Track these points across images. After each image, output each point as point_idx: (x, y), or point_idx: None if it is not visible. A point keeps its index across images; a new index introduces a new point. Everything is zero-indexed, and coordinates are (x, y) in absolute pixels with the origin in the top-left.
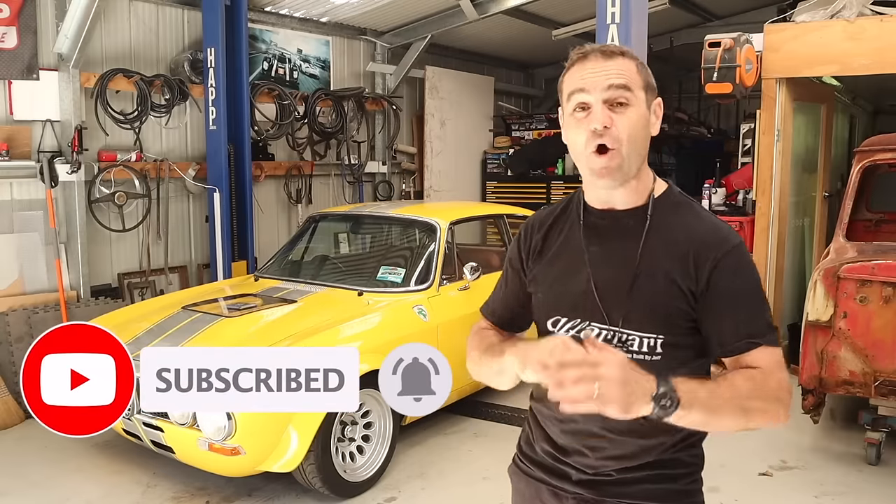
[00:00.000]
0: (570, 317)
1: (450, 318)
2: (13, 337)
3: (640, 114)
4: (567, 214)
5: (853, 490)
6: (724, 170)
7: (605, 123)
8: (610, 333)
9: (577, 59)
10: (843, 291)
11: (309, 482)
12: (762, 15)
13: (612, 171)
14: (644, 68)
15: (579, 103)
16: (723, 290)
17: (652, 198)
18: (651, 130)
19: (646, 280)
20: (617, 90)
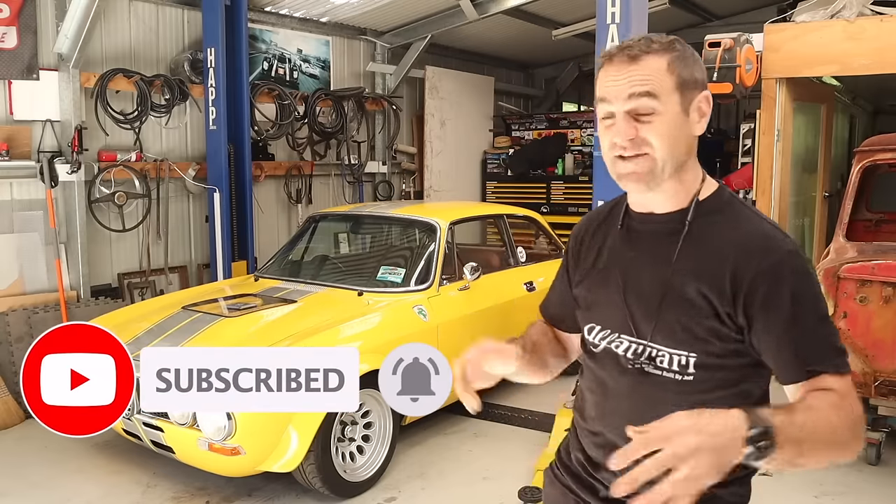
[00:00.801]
0: (602, 326)
1: (450, 318)
2: (13, 337)
3: (669, 122)
4: (613, 216)
5: (853, 490)
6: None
7: (628, 136)
8: (639, 347)
9: (604, 62)
10: (843, 291)
11: (309, 482)
12: (762, 15)
13: (640, 175)
14: (680, 62)
15: (605, 112)
16: (772, 310)
17: (696, 201)
18: (692, 130)
19: (677, 293)
20: (639, 99)
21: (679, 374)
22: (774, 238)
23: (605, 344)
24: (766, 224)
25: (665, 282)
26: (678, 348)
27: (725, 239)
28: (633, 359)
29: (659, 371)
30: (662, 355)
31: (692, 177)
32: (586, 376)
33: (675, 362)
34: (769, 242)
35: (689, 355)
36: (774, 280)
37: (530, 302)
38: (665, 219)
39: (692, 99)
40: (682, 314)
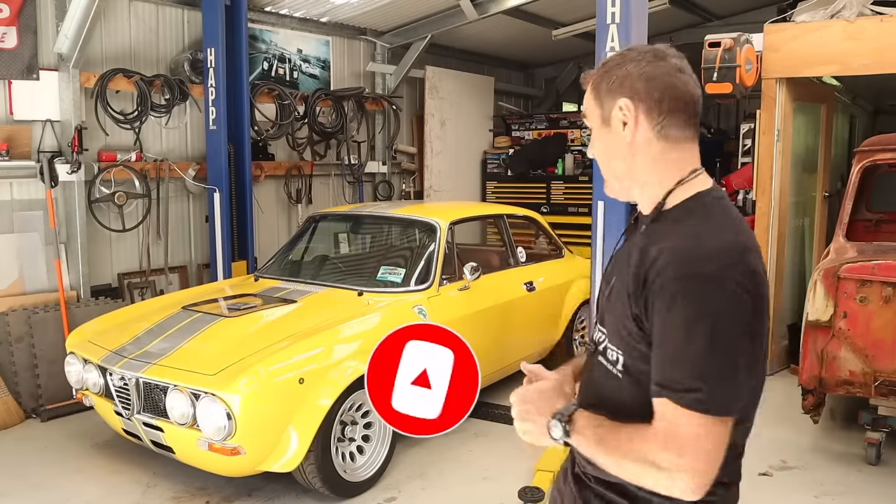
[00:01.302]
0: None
1: (450, 318)
2: (13, 337)
3: (603, 142)
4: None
5: (853, 490)
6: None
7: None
8: (601, 337)
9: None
10: (843, 291)
11: (309, 482)
12: (762, 15)
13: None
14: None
15: None
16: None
17: (660, 208)
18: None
19: (613, 293)
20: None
21: (613, 366)
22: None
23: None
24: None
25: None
26: (614, 345)
27: (659, 242)
28: (595, 346)
29: (602, 359)
30: (610, 350)
31: (656, 187)
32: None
33: (613, 355)
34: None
35: (618, 352)
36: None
37: (530, 302)
38: (643, 220)
39: (610, 112)
40: (614, 312)
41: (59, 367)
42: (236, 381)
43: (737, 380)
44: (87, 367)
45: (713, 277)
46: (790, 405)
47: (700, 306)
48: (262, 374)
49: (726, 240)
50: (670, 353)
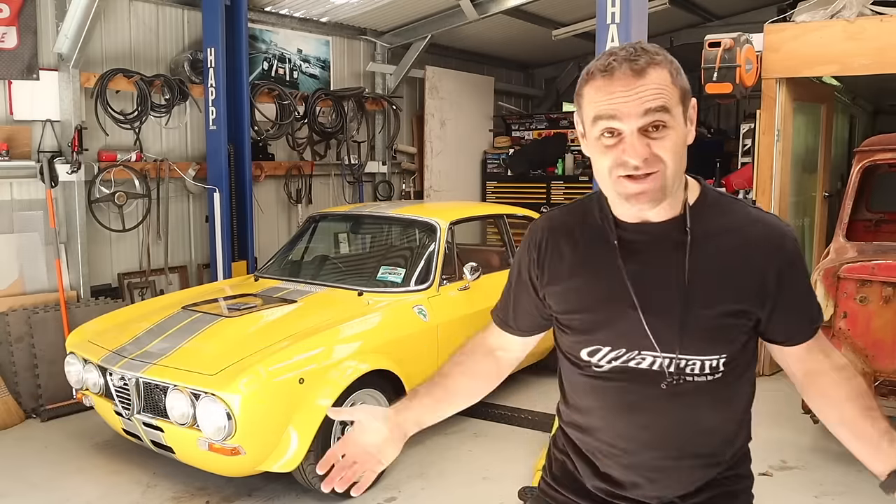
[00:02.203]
0: (613, 346)
1: (450, 318)
2: (13, 337)
3: (679, 133)
4: (590, 225)
5: (853, 490)
6: (724, 170)
7: (643, 156)
8: (666, 360)
9: (601, 75)
10: (843, 291)
11: (309, 482)
12: (762, 15)
13: (653, 194)
14: (679, 73)
15: (607, 129)
16: (790, 291)
17: (687, 206)
18: (689, 139)
19: (700, 302)
20: (654, 114)
21: (710, 375)
22: (778, 227)
23: (618, 363)
24: (764, 214)
25: (683, 291)
26: (709, 353)
27: (735, 237)
28: (662, 373)
29: (691, 377)
30: (693, 363)
31: (682, 183)
32: (585, 397)
33: (707, 366)
34: (776, 232)
35: (719, 358)
36: (792, 268)
37: None
38: (663, 227)
39: (688, 107)
40: (707, 319)
41: (59, 367)
42: (236, 381)
43: None
44: (87, 367)
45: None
46: (790, 405)
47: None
48: (262, 374)
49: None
50: (810, 300)
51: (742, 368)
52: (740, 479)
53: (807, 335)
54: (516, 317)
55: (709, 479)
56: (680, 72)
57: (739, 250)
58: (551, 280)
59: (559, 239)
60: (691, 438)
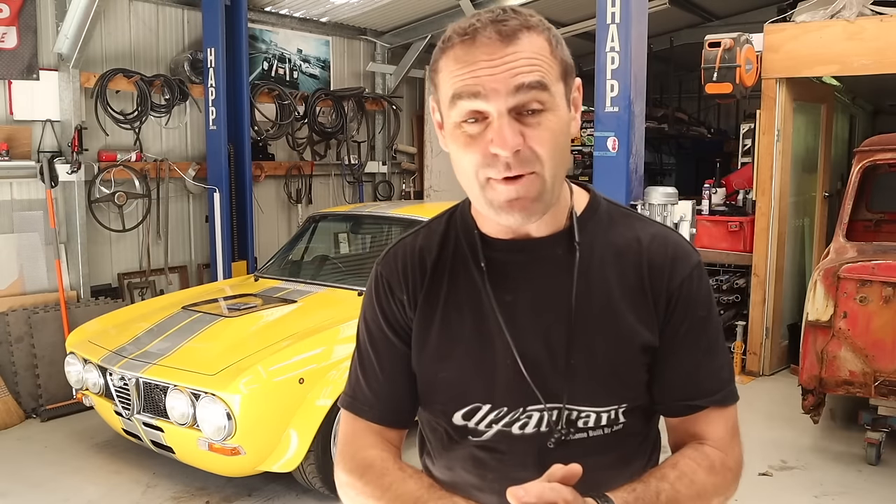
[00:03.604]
0: (493, 403)
1: None
2: (13, 337)
3: (560, 119)
4: (452, 250)
5: (853, 490)
6: (724, 170)
7: (515, 146)
8: (553, 414)
9: (461, 40)
10: (843, 291)
11: (309, 482)
12: (762, 15)
13: (528, 202)
14: (558, 42)
15: (471, 112)
16: (680, 329)
17: (574, 217)
18: (573, 131)
19: (590, 336)
20: (529, 91)
21: (608, 427)
22: (679, 246)
23: (500, 426)
24: (664, 230)
25: (570, 325)
26: (603, 403)
27: (629, 254)
28: (549, 431)
29: (584, 433)
30: (586, 416)
31: (565, 188)
32: (467, 470)
33: (604, 418)
34: (678, 251)
35: (618, 407)
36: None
37: None
38: (544, 244)
39: (571, 90)
40: (603, 360)
41: (59, 367)
42: (236, 381)
43: None
44: (87, 367)
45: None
46: (790, 405)
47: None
48: (262, 374)
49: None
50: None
51: (645, 419)
52: None
53: (685, 405)
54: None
55: None
56: (560, 42)
57: (637, 268)
58: (419, 328)
59: (419, 275)
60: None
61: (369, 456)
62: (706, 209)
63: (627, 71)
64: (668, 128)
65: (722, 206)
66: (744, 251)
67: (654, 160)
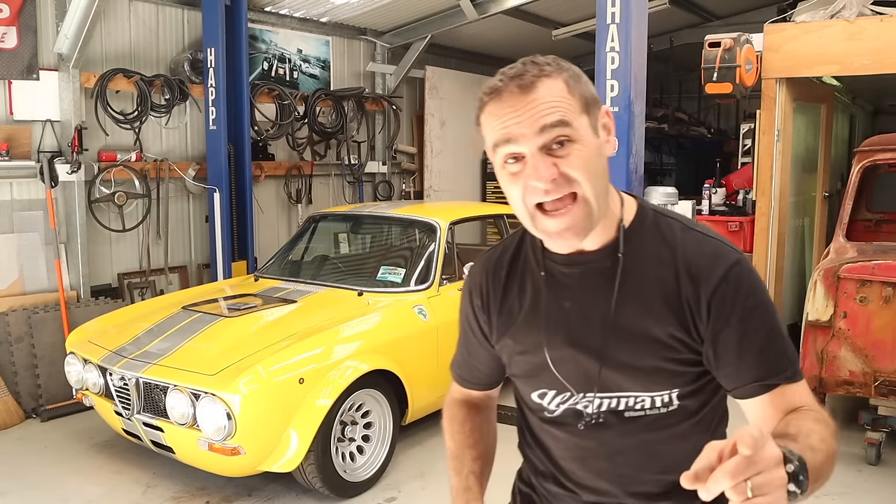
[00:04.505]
0: (558, 388)
1: (450, 319)
2: (13, 337)
3: (588, 146)
4: (523, 262)
5: (853, 490)
6: (724, 170)
7: (550, 177)
8: (612, 401)
9: (490, 99)
10: (843, 291)
11: (309, 482)
12: (762, 15)
13: (576, 227)
14: (577, 81)
15: (508, 155)
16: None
17: (622, 229)
18: (607, 152)
19: (634, 336)
20: (553, 130)
21: (664, 407)
22: (717, 254)
23: (567, 406)
24: (705, 237)
25: (616, 327)
26: (656, 389)
27: (669, 262)
28: (608, 411)
29: (642, 412)
30: (642, 400)
31: (614, 202)
32: (547, 441)
33: (658, 401)
34: (714, 260)
35: (670, 392)
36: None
37: None
38: (598, 256)
39: (597, 118)
40: (646, 355)
41: (59, 367)
42: (236, 381)
43: None
44: (87, 367)
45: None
46: None
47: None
48: (262, 374)
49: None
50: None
51: (704, 400)
52: None
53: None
54: (473, 370)
55: None
56: (580, 79)
57: (675, 277)
58: (498, 326)
59: (497, 281)
60: (659, 477)
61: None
62: (706, 209)
63: (627, 71)
64: (668, 128)
65: (722, 206)
66: (744, 251)
67: (654, 160)
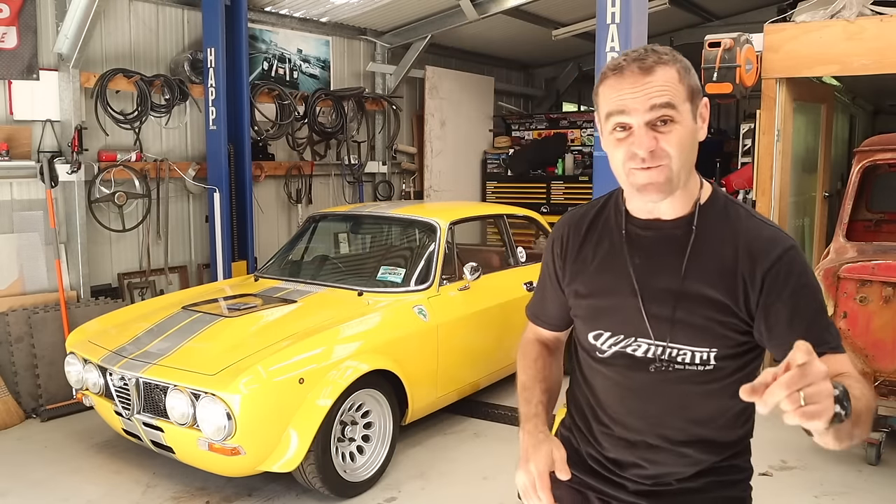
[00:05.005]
0: (613, 331)
1: (450, 318)
2: (13, 337)
3: (686, 128)
4: (604, 220)
5: (853, 490)
6: (724, 170)
7: (650, 148)
8: (658, 349)
9: (613, 74)
10: (843, 291)
11: (309, 482)
12: (762, 15)
13: (660, 185)
14: (687, 72)
15: (618, 124)
16: (781, 301)
17: (698, 205)
18: (699, 136)
19: (692, 297)
20: (660, 109)
21: (701, 366)
22: (775, 238)
23: (618, 348)
24: (764, 224)
25: (679, 285)
26: (699, 346)
27: (731, 240)
28: (654, 359)
29: (682, 366)
30: (684, 353)
31: (694, 182)
32: (593, 378)
33: (697, 358)
34: (771, 243)
35: (710, 350)
36: (779, 277)
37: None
38: (671, 225)
39: (699, 106)
40: (698, 315)
41: (59, 367)
42: (236, 381)
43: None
44: (87, 367)
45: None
46: None
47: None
48: (262, 374)
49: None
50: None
51: (737, 367)
52: (737, 471)
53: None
54: (545, 310)
55: (704, 466)
56: (689, 71)
57: (737, 253)
58: (570, 271)
59: (577, 233)
60: (684, 426)
61: (529, 344)
62: None
63: None
64: None
65: None
66: None
67: None
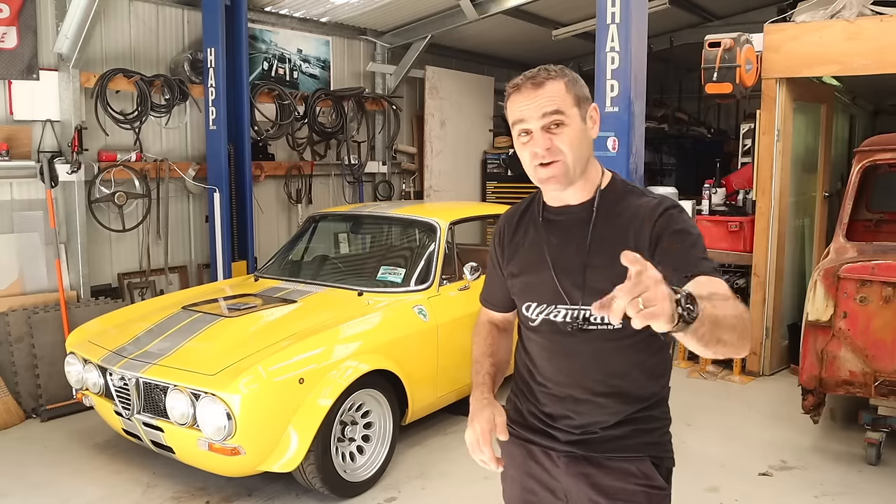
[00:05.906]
0: (538, 301)
1: (450, 318)
2: (13, 337)
3: (575, 128)
4: (531, 212)
5: (853, 490)
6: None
7: (546, 146)
8: (574, 312)
9: (513, 91)
10: (843, 291)
11: (309, 482)
12: (762, 15)
13: (559, 178)
14: (574, 84)
15: (521, 130)
16: (664, 244)
17: (598, 190)
18: (590, 135)
19: (597, 261)
20: (551, 116)
21: (610, 325)
22: (660, 203)
23: (543, 316)
24: (653, 198)
25: (585, 257)
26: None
27: (627, 211)
28: (571, 322)
29: (594, 326)
30: (595, 315)
31: (595, 171)
32: (529, 345)
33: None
34: (656, 208)
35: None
36: (662, 223)
37: None
38: (578, 208)
39: (586, 111)
40: (603, 277)
41: (59, 367)
42: (236, 381)
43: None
44: (87, 367)
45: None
46: (790, 405)
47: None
48: (262, 374)
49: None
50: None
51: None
52: (654, 420)
53: (680, 280)
54: (493, 294)
55: (625, 415)
56: (576, 82)
57: (630, 223)
58: (506, 257)
59: (511, 225)
60: (603, 378)
61: (481, 325)
62: (706, 209)
63: (627, 71)
64: (668, 128)
65: (722, 206)
66: (744, 251)
67: (654, 160)
